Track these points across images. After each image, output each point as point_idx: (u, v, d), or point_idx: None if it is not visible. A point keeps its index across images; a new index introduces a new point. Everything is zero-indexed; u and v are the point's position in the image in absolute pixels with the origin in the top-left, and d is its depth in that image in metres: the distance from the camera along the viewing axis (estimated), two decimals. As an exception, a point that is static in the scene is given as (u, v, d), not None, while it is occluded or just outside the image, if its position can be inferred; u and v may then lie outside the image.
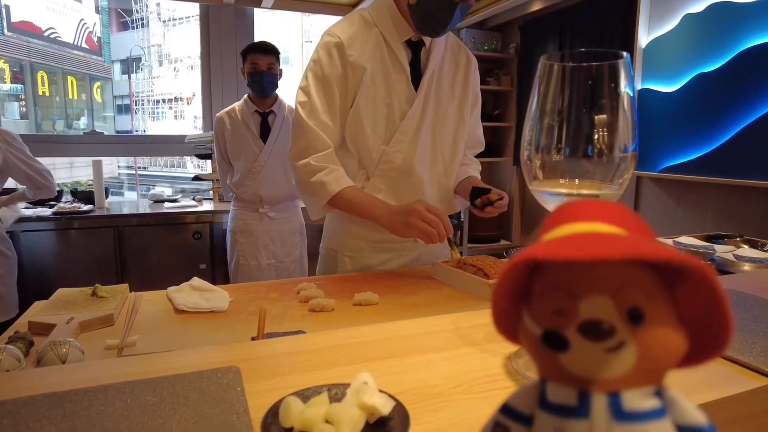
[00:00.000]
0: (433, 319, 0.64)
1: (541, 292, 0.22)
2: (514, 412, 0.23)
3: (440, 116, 1.29)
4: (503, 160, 4.47)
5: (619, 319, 0.20)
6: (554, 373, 0.21)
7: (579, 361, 0.20)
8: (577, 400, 0.21)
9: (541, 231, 0.24)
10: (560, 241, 0.21)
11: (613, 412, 0.20)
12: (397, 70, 1.22)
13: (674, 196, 2.97)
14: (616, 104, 0.48)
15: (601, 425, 0.20)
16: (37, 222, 2.72)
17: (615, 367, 0.20)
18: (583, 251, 0.19)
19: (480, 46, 4.26)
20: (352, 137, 1.23)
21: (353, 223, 1.30)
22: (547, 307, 0.21)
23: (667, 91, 2.80)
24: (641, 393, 0.20)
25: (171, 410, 0.40)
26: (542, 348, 0.21)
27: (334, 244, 1.34)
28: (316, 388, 0.41)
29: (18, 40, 9.04)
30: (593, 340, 0.20)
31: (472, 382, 0.48)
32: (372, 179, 1.26)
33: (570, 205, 0.24)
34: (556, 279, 0.21)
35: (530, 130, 0.50)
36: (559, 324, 0.20)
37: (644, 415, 0.20)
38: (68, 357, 0.66)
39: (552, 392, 0.22)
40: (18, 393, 0.43)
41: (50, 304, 0.94)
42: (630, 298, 0.20)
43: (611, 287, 0.20)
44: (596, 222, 0.22)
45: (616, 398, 0.20)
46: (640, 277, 0.20)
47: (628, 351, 0.20)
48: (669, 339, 0.20)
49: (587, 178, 0.48)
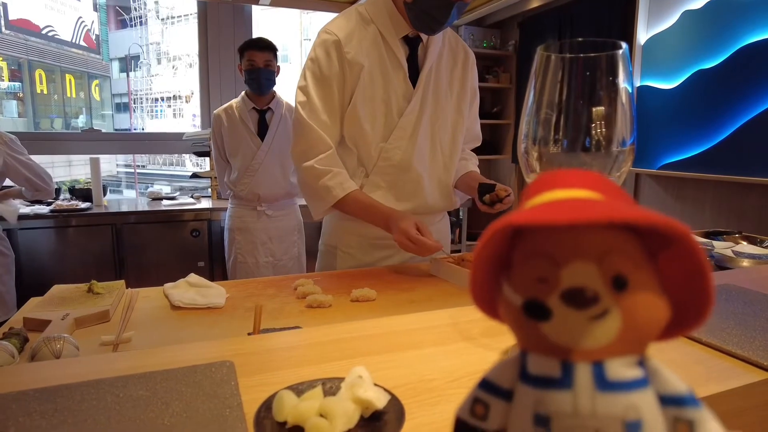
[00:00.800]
0: (430, 314, 0.64)
1: (521, 260, 0.21)
2: (493, 386, 0.23)
3: (439, 112, 1.28)
4: (502, 157, 4.46)
5: (603, 287, 0.19)
6: (536, 343, 0.21)
7: (562, 331, 0.19)
8: (560, 370, 0.20)
9: (522, 199, 0.23)
10: (542, 207, 0.20)
11: (596, 382, 0.19)
12: (395, 67, 1.22)
13: (673, 192, 2.97)
14: (614, 96, 0.47)
15: (585, 395, 0.19)
16: (35, 220, 2.71)
17: (599, 335, 0.19)
18: (566, 215, 0.18)
19: (479, 43, 4.25)
20: (351, 135, 1.23)
21: (352, 220, 1.30)
22: (528, 276, 0.20)
23: (666, 87, 2.79)
24: (625, 362, 0.20)
25: (163, 405, 0.40)
26: (523, 318, 0.20)
27: (333, 241, 1.34)
28: (310, 382, 0.41)
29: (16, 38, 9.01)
30: (576, 308, 0.19)
31: (469, 377, 0.47)
32: (371, 176, 1.26)
33: (550, 173, 0.23)
34: (537, 246, 0.20)
35: (527, 123, 0.49)
36: (541, 292, 0.20)
37: (628, 384, 0.20)
38: (63, 353, 0.66)
39: (533, 364, 0.21)
40: (10, 388, 0.43)
41: (46, 300, 0.94)
42: (614, 265, 0.19)
43: (595, 253, 0.19)
44: (578, 189, 0.21)
45: (600, 368, 0.20)
46: (624, 243, 0.20)
47: (612, 319, 0.19)
48: (653, 307, 0.20)
49: (585, 170, 0.48)
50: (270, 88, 2.28)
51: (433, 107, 1.27)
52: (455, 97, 1.32)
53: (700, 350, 0.56)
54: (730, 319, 0.63)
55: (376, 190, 1.26)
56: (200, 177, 3.39)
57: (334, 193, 1.18)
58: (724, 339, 0.57)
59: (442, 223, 1.46)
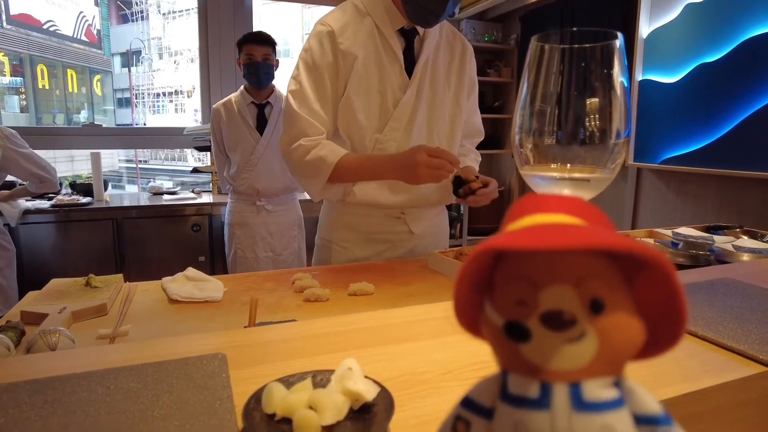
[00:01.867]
0: (425, 307, 0.64)
1: (503, 282, 0.21)
2: (475, 405, 0.23)
3: (436, 104, 1.27)
4: (503, 152, 4.45)
5: (580, 309, 0.20)
6: (516, 364, 0.21)
7: (540, 352, 0.20)
8: (539, 391, 0.20)
9: (504, 222, 0.24)
10: (523, 231, 0.21)
11: (573, 403, 0.20)
12: (391, 59, 1.21)
13: (674, 187, 2.95)
14: (609, 88, 0.47)
15: (562, 416, 0.20)
16: (36, 214, 2.72)
17: (576, 357, 0.20)
18: (545, 241, 0.19)
19: (480, 37, 4.23)
20: (345, 126, 1.21)
21: (348, 213, 1.29)
22: (509, 298, 0.21)
23: (668, 81, 2.78)
24: (601, 383, 0.20)
25: (153, 397, 0.40)
26: (504, 339, 0.21)
27: (329, 235, 1.33)
28: (300, 375, 0.41)
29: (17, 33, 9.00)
30: (555, 330, 0.20)
31: (462, 369, 0.47)
32: None
33: (532, 197, 0.24)
34: (518, 269, 0.21)
35: (521, 114, 0.49)
36: (521, 314, 0.20)
37: (604, 405, 0.20)
38: (58, 345, 0.66)
39: (513, 384, 0.21)
40: (2, 380, 0.43)
41: (43, 294, 0.94)
42: (592, 289, 0.20)
43: (573, 277, 0.20)
44: (558, 213, 0.22)
45: (577, 388, 0.20)
46: (601, 267, 0.20)
47: (589, 341, 0.20)
48: (629, 329, 0.20)
49: (579, 162, 0.47)
50: (269, 82, 2.28)
51: (430, 99, 1.26)
52: (453, 89, 1.31)
53: (696, 344, 0.55)
54: (727, 312, 0.63)
55: (371, 182, 1.24)
56: (201, 172, 3.39)
57: (328, 161, 1.14)
58: (720, 333, 0.57)
59: (440, 217, 1.44)
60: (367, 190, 1.25)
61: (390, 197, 1.26)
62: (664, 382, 0.45)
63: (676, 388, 0.44)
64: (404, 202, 1.27)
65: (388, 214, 1.30)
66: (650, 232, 1.58)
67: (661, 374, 0.47)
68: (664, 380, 0.45)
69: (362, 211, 1.29)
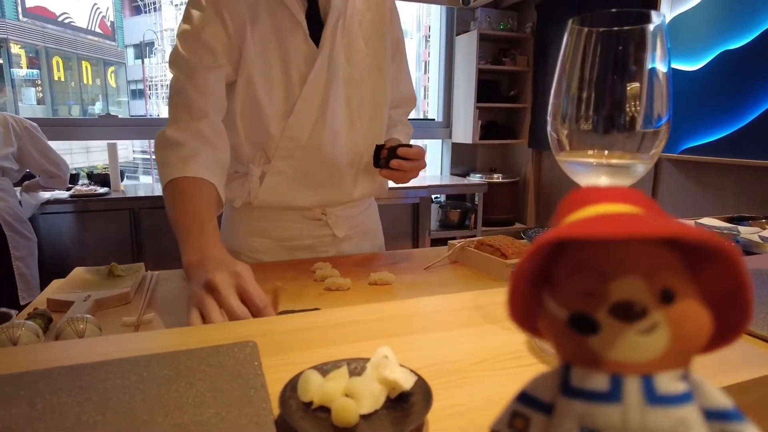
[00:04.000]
0: (453, 297, 0.63)
1: (567, 274, 0.21)
2: (533, 400, 0.22)
3: (354, 76, 1.05)
4: (519, 142, 4.41)
5: (651, 300, 0.19)
6: (581, 357, 0.20)
7: (610, 344, 0.19)
8: (609, 384, 0.20)
9: (560, 215, 0.23)
10: (590, 221, 0.20)
11: (646, 396, 0.19)
12: (291, 24, 0.99)
13: (694, 177, 2.90)
14: (650, 71, 0.45)
15: (635, 410, 0.19)
16: (55, 204, 2.76)
17: (648, 349, 0.19)
18: (621, 229, 0.18)
19: (495, 25, 4.18)
20: (244, 110, 1.02)
21: (256, 218, 1.11)
22: (575, 289, 0.20)
23: (690, 69, 2.72)
24: (672, 376, 0.20)
25: (187, 384, 0.40)
26: (568, 332, 0.20)
27: (235, 245, 1.12)
28: (335, 362, 0.40)
29: (33, 25, 9.09)
30: (626, 321, 0.19)
31: (495, 359, 0.46)
32: (274, 161, 1.06)
33: (588, 189, 0.23)
34: (585, 260, 0.20)
35: (556, 98, 0.47)
36: (589, 306, 0.20)
37: (676, 398, 0.20)
38: (86, 333, 0.66)
39: (578, 377, 0.21)
40: (36, 366, 0.43)
41: (68, 282, 0.95)
42: (662, 279, 0.19)
43: (643, 268, 0.19)
44: (619, 203, 0.21)
45: (649, 381, 0.19)
46: (670, 258, 0.20)
47: (661, 332, 0.19)
48: (699, 320, 0.20)
49: (617, 148, 0.46)
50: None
51: (346, 69, 1.04)
52: (373, 53, 1.08)
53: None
54: (765, 305, 0.61)
55: (280, 177, 1.06)
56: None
57: (166, 171, 0.88)
58: (758, 324, 0.55)
59: (368, 212, 1.26)
60: (278, 189, 1.07)
61: (308, 196, 1.09)
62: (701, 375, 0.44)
63: (714, 381, 0.43)
64: (325, 200, 1.11)
65: (306, 216, 1.13)
66: (672, 222, 1.55)
67: (699, 367, 0.45)
68: (701, 373, 0.44)
69: (274, 214, 1.12)
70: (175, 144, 0.91)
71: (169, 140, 0.92)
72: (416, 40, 5.69)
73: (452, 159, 4.50)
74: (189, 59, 0.96)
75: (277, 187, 1.07)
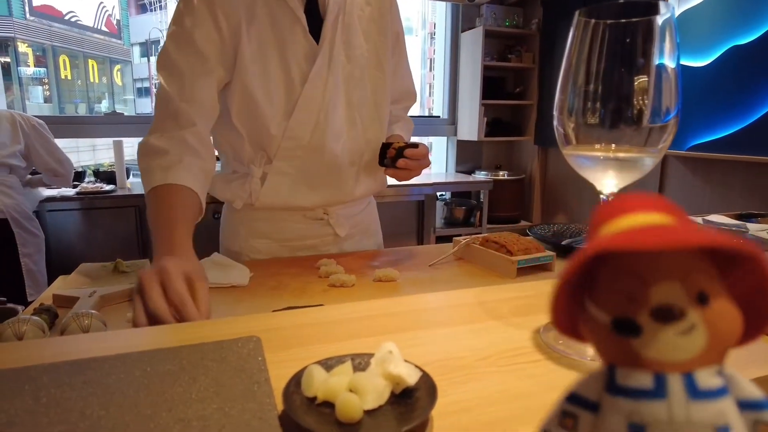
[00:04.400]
0: (456, 293, 0.62)
1: (609, 281, 0.22)
2: (581, 399, 0.24)
3: (354, 73, 1.05)
4: (524, 139, 4.39)
5: (688, 303, 0.21)
6: (625, 358, 0.22)
7: (653, 345, 0.21)
8: (653, 382, 0.21)
9: (596, 224, 0.25)
10: (633, 233, 0.22)
11: (689, 391, 0.21)
12: (290, 20, 0.97)
13: (701, 174, 2.88)
14: (658, 64, 0.45)
15: (679, 404, 0.21)
16: (61, 201, 2.78)
17: (688, 348, 0.21)
18: (664, 240, 0.21)
19: (501, 22, 4.16)
20: (242, 111, 1.01)
21: (258, 219, 1.10)
22: (617, 295, 0.22)
23: (698, 65, 2.69)
24: (710, 372, 0.22)
25: (190, 379, 0.40)
26: (612, 335, 0.22)
27: (236, 246, 1.13)
28: (339, 358, 0.40)
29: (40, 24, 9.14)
30: (666, 323, 0.21)
31: (500, 355, 0.46)
32: (275, 162, 1.05)
33: (621, 199, 0.25)
34: (627, 267, 0.22)
35: (562, 92, 0.47)
36: (631, 310, 0.21)
37: (715, 392, 0.21)
38: (91, 328, 0.67)
39: (623, 377, 0.22)
40: (41, 360, 0.43)
41: (73, 278, 0.95)
42: (697, 283, 0.21)
43: (680, 273, 0.21)
44: (651, 213, 0.23)
45: (691, 378, 0.21)
46: (703, 263, 0.22)
47: (699, 332, 0.21)
48: (732, 319, 0.22)
49: (624, 142, 0.45)
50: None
51: (346, 66, 1.03)
52: (373, 48, 1.07)
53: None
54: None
55: (282, 178, 1.05)
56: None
57: (147, 179, 0.87)
58: (767, 321, 0.55)
59: (368, 210, 1.27)
60: (280, 189, 1.06)
61: (310, 196, 1.08)
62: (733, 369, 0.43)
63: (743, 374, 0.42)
64: (327, 200, 1.11)
65: (308, 216, 1.13)
66: (679, 219, 1.53)
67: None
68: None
69: (276, 215, 1.11)
70: (158, 152, 0.89)
71: (153, 148, 0.90)
72: (421, 37, 5.67)
73: (457, 156, 4.49)
74: (178, 64, 0.93)
75: (278, 187, 1.06)
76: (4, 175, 2.27)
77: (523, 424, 0.36)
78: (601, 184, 0.48)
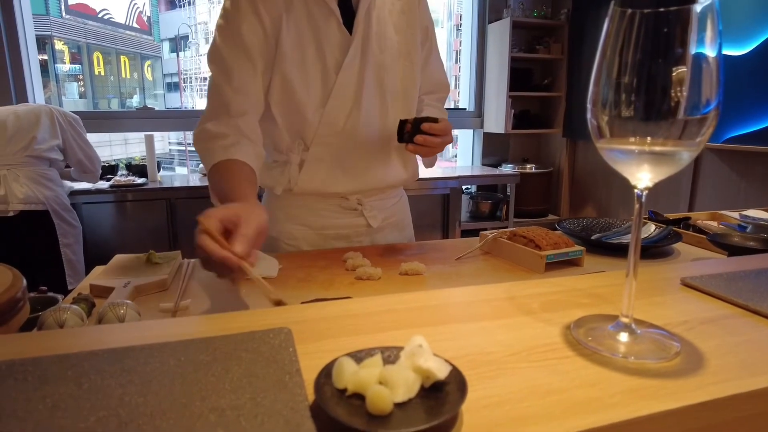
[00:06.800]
0: (486, 288, 0.62)
1: None
2: None
3: (385, 62, 1.09)
4: (553, 131, 4.31)
5: None
6: None
7: None
8: None
9: None
10: None
11: None
12: (325, 13, 1.03)
13: (738, 168, 2.78)
14: (699, 53, 0.43)
15: None
16: (96, 194, 2.87)
17: None
18: None
19: (529, 12, 4.08)
20: (280, 101, 1.06)
21: (294, 206, 1.16)
22: None
23: (736, 54, 2.59)
24: None
25: (223, 369, 0.41)
26: None
27: (274, 231, 1.17)
28: (369, 350, 0.40)
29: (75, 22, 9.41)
30: None
31: (530, 350, 0.45)
32: (312, 148, 1.10)
33: None
34: None
35: (596, 84, 0.46)
36: None
37: None
38: (126, 318, 0.69)
39: None
40: (81, 348, 0.45)
41: (109, 269, 0.98)
42: None
43: None
44: None
45: None
46: None
47: None
48: None
49: (660, 135, 0.44)
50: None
51: (378, 56, 1.08)
52: (403, 40, 1.11)
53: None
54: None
55: (319, 165, 1.10)
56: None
57: (209, 158, 0.95)
58: (811, 320, 0.53)
59: (399, 205, 1.29)
60: (316, 175, 1.11)
61: (344, 182, 1.12)
62: (753, 371, 0.42)
63: (738, 384, 0.41)
64: (360, 186, 1.15)
65: (343, 206, 1.18)
66: (713, 214, 1.49)
67: (750, 363, 0.43)
68: (753, 369, 0.42)
69: (313, 202, 1.16)
70: (216, 135, 0.97)
71: (210, 132, 0.98)
72: (447, 29, 5.61)
73: (483, 149, 4.44)
74: (226, 58, 1.01)
75: (315, 173, 1.11)
76: (44, 168, 2.35)
77: (554, 420, 0.35)
78: (635, 178, 0.46)
